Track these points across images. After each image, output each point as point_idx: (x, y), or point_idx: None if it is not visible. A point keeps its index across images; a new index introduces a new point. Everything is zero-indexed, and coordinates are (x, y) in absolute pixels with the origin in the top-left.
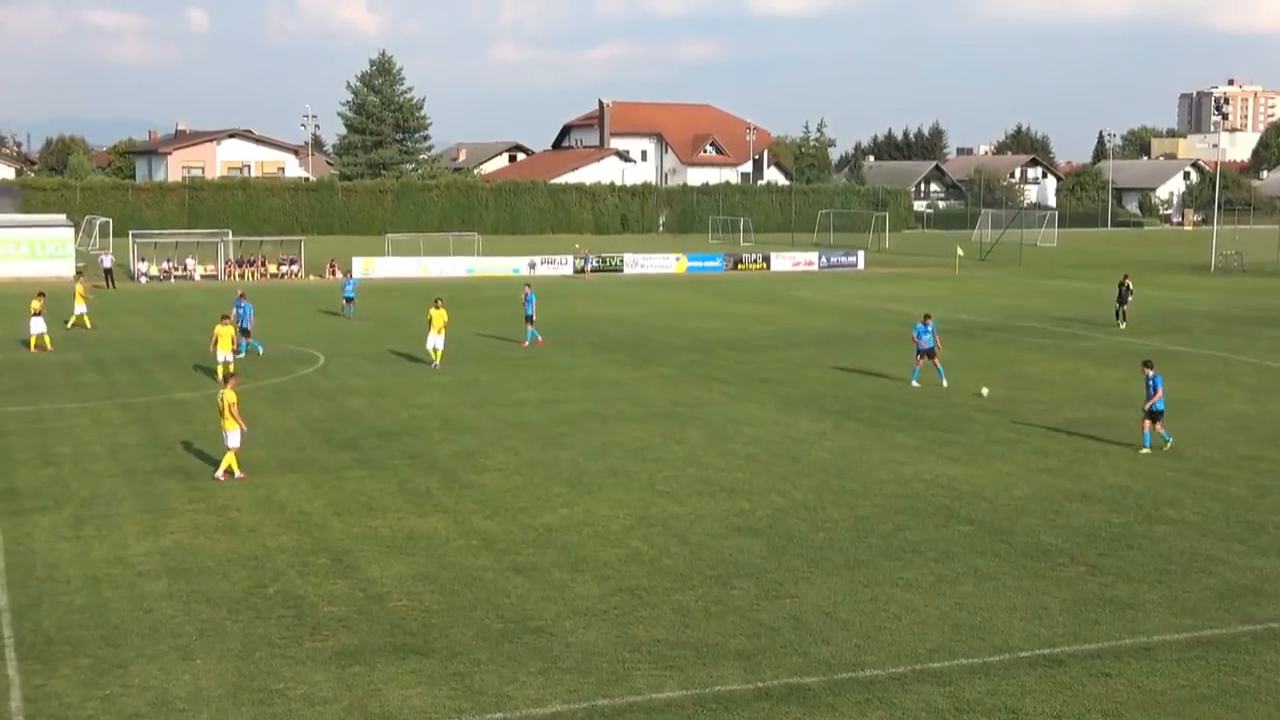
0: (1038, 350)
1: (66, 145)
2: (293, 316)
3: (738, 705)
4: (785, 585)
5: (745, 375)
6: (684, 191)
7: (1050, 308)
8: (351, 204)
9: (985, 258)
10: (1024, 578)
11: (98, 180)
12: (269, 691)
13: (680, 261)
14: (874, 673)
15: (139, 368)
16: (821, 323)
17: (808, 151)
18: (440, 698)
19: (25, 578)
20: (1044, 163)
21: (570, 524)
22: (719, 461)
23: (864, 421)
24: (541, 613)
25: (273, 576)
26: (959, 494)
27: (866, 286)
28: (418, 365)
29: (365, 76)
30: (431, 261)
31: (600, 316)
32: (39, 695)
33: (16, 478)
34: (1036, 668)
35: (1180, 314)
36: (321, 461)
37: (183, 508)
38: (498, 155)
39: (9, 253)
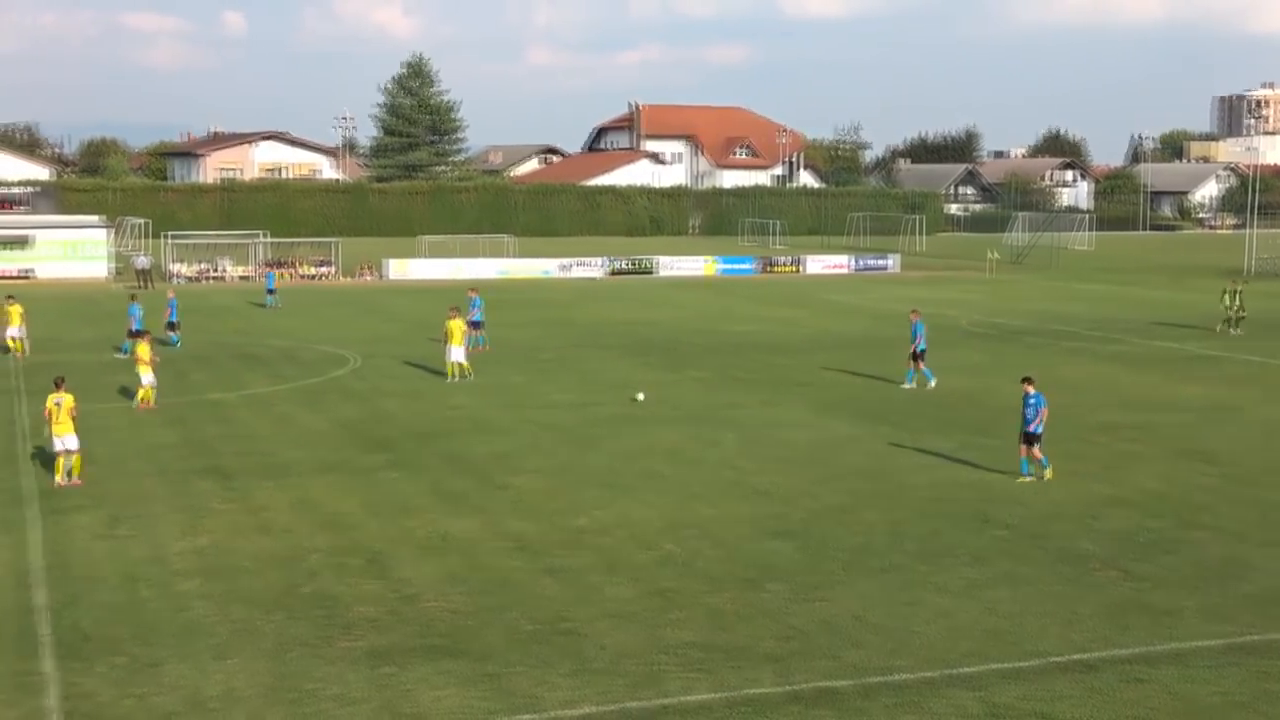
0: (1072, 354)
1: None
2: (326, 318)
3: (769, 708)
4: (818, 588)
5: (778, 378)
6: (716, 194)
7: (1085, 311)
8: (385, 206)
9: (1019, 261)
10: (1058, 583)
11: (133, 182)
12: (302, 691)
13: (712, 264)
14: (906, 677)
15: (175, 368)
16: (854, 326)
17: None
18: (472, 699)
19: (63, 576)
20: (1078, 166)
21: (603, 526)
22: (752, 465)
23: (897, 425)
24: (574, 614)
25: (307, 577)
26: (993, 498)
27: (899, 290)
28: None
29: (400, 79)
30: (465, 263)
31: (632, 319)
32: (75, 692)
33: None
34: (1070, 673)
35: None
36: (355, 462)
37: (218, 508)
38: (531, 157)
39: (46, 254)
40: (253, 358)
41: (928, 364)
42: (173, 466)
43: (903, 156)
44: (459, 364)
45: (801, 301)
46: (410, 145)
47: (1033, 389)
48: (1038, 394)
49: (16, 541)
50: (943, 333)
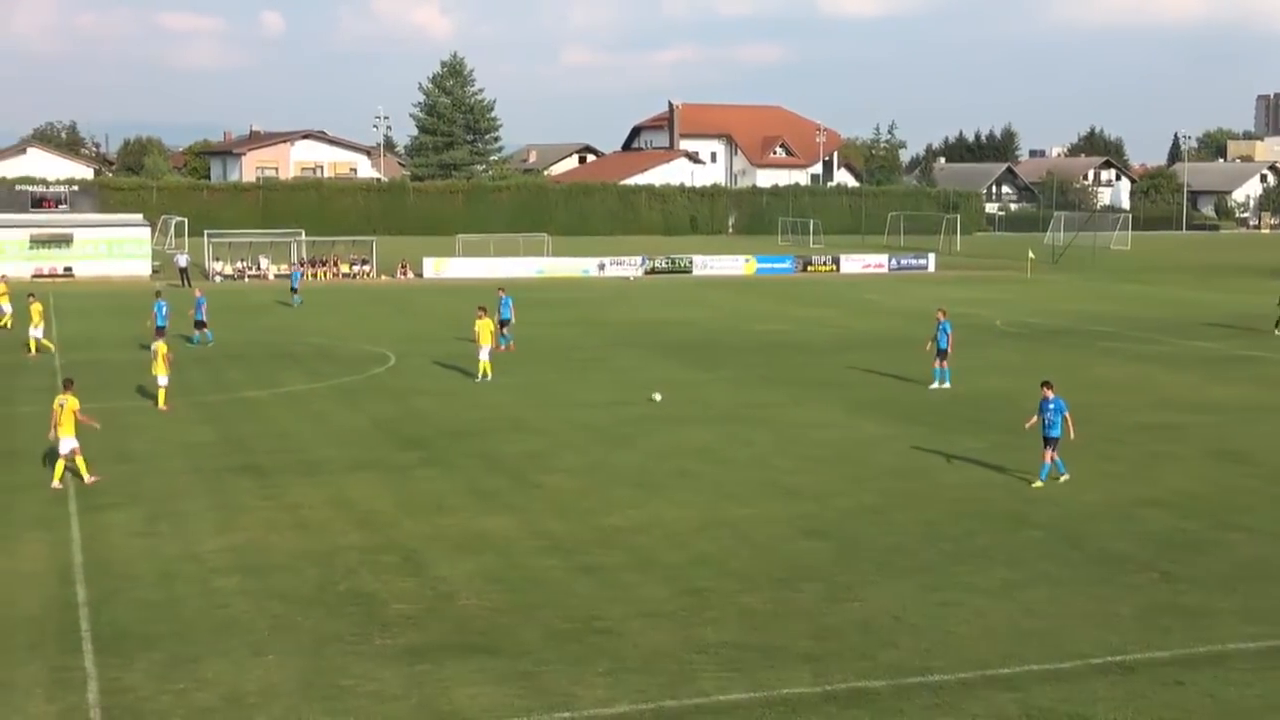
0: (1109, 354)
1: (143, 146)
2: (363, 316)
3: (804, 708)
4: (852, 589)
5: (812, 378)
6: (753, 193)
7: (1122, 311)
8: (422, 205)
9: (1057, 261)
10: (1094, 584)
11: (174, 181)
12: (338, 688)
13: (749, 263)
14: (942, 678)
15: (211, 366)
16: (890, 326)
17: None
18: (507, 696)
19: (101, 573)
20: (1118, 165)
21: (637, 525)
22: (786, 464)
23: (932, 425)
24: (608, 613)
25: (343, 574)
26: (1028, 499)
27: (936, 290)
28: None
29: (437, 78)
30: (501, 262)
31: (667, 319)
32: (114, 688)
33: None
34: (1107, 675)
35: (1257, 318)
36: (391, 460)
37: (254, 505)
38: (567, 157)
39: (88, 252)
40: (289, 356)
41: (949, 365)
42: (209, 464)
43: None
44: (483, 363)
45: (837, 301)
46: (447, 144)
47: (1052, 393)
48: (1057, 398)
49: (57, 538)
50: (978, 333)
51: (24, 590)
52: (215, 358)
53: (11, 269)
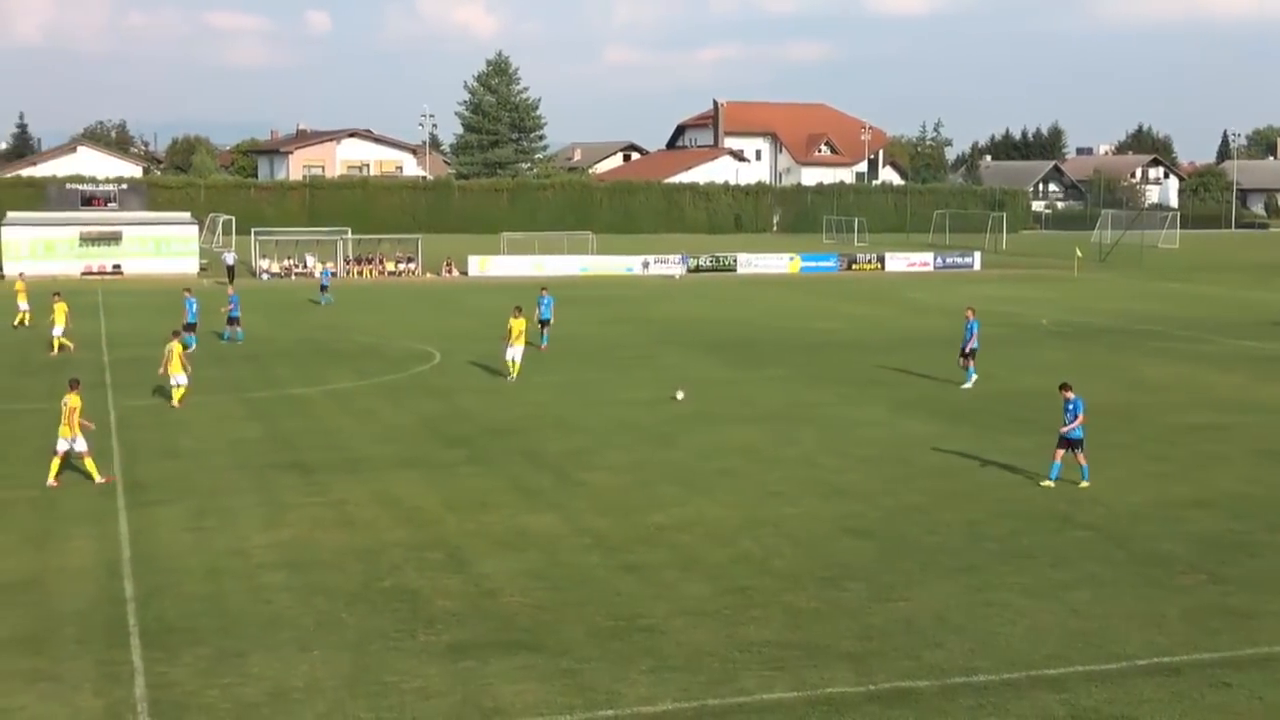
0: (1157, 354)
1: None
2: (409, 314)
3: (848, 707)
4: (897, 588)
5: (858, 377)
6: (798, 191)
7: (1170, 311)
8: (467, 203)
9: (1105, 259)
10: (1141, 585)
11: (221, 179)
12: (383, 684)
13: (794, 261)
14: (987, 678)
15: (259, 363)
16: (936, 324)
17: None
18: (551, 694)
19: (149, 568)
20: (1166, 163)
21: (681, 523)
22: (830, 463)
23: (978, 425)
24: (652, 611)
25: (388, 570)
26: (1074, 499)
27: (982, 288)
28: (530, 362)
29: (482, 77)
30: (546, 260)
31: (712, 317)
32: (161, 682)
33: (141, 470)
34: (1154, 676)
35: None
36: (436, 458)
37: (300, 501)
38: (612, 155)
39: (136, 249)
40: (336, 353)
41: (976, 365)
42: (256, 460)
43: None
44: (514, 362)
45: (882, 300)
46: (493, 143)
47: (1072, 394)
48: (1076, 398)
49: (106, 533)
50: (1024, 332)
51: (73, 585)
52: (263, 355)
53: (61, 266)
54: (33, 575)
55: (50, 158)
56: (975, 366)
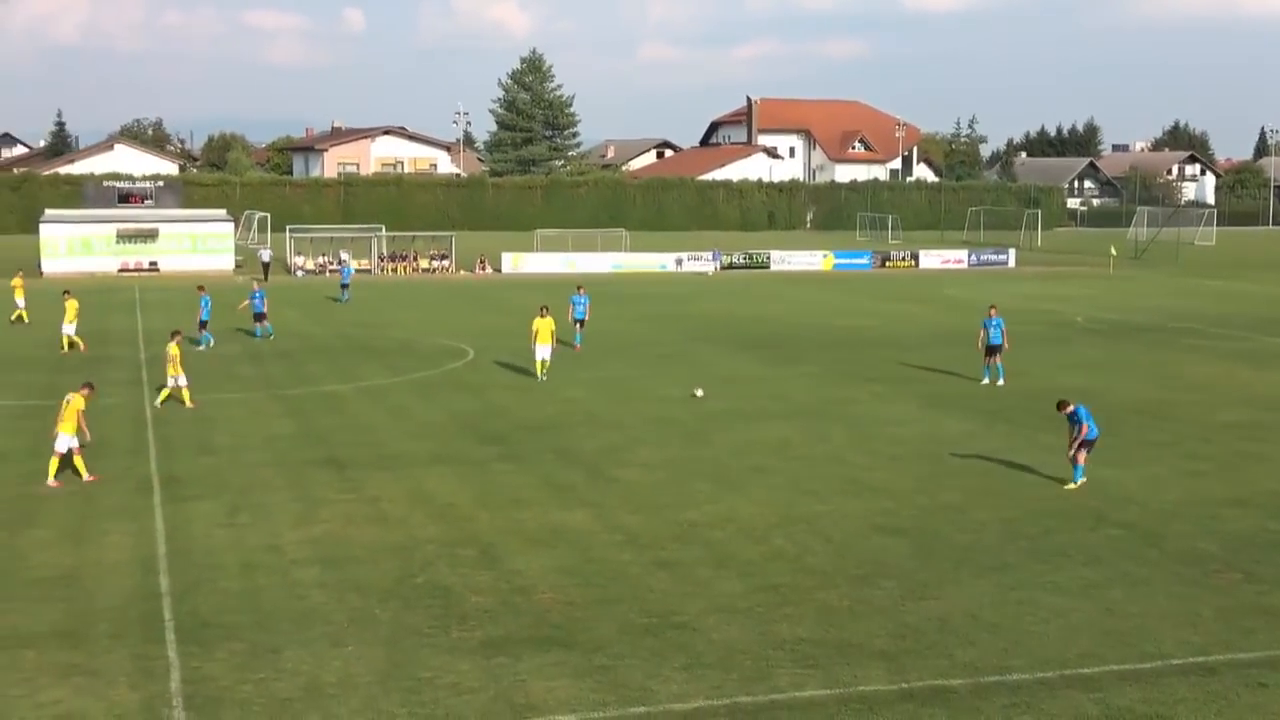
0: (1192, 352)
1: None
2: (443, 311)
3: (881, 706)
4: (930, 586)
5: (891, 374)
6: (832, 188)
7: (1207, 309)
8: (501, 200)
9: (1140, 257)
10: (1176, 584)
11: (256, 176)
12: (417, 680)
13: (827, 259)
14: (1021, 677)
15: (293, 360)
16: (970, 322)
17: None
18: (584, 690)
19: (184, 563)
20: (1202, 160)
21: (714, 520)
22: (863, 460)
23: (1012, 423)
24: (685, 608)
25: (421, 566)
26: (1109, 497)
27: (1017, 285)
28: (564, 359)
29: (516, 74)
30: (579, 257)
31: (745, 314)
32: (196, 677)
33: (177, 466)
34: (1189, 676)
35: None
36: (469, 454)
37: (334, 498)
38: (646, 152)
39: (172, 247)
40: (370, 350)
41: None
42: (290, 457)
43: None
44: (544, 363)
45: (917, 296)
46: (526, 140)
47: (1070, 406)
48: (1076, 407)
49: (141, 529)
50: (1059, 329)
51: (109, 580)
52: (297, 351)
53: (99, 263)
54: (69, 570)
55: (87, 156)
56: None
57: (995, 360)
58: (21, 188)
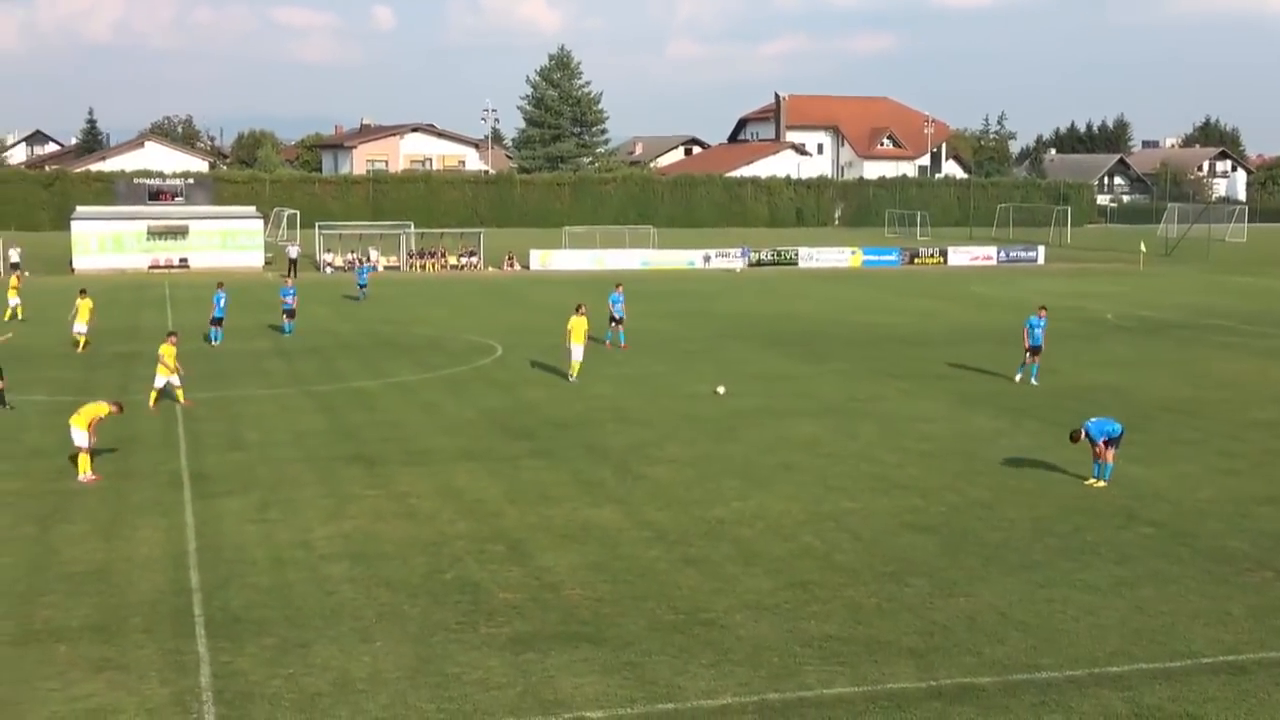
0: (1225, 349)
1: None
2: (472, 308)
3: (910, 703)
4: (959, 584)
5: (920, 371)
6: (860, 185)
7: (1239, 305)
8: (529, 197)
9: (1170, 253)
10: (1207, 582)
11: (286, 173)
12: (445, 675)
13: (855, 255)
14: (1050, 675)
15: (323, 356)
16: (999, 319)
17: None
18: (612, 687)
19: (214, 559)
20: (1234, 156)
21: (742, 517)
22: (892, 458)
23: (1042, 420)
24: (713, 605)
25: (450, 562)
26: (1140, 495)
27: (1046, 282)
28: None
29: (544, 71)
30: (608, 254)
31: (773, 312)
32: (227, 672)
33: (207, 462)
34: (1220, 674)
35: None
36: (498, 451)
37: (363, 494)
38: (673, 149)
39: (202, 243)
40: (400, 346)
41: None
42: (320, 453)
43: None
44: (577, 362)
45: (946, 294)
46: (554, 137)
47: (1081, 432)
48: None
49: (172, 524)
50: (1089, 326)
51: (139, 575)
52: (326, 348)
53: (129, 260)
54: (101, 565)
55: (119, 153)
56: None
57: (1034, 360)
58: (54, 185)
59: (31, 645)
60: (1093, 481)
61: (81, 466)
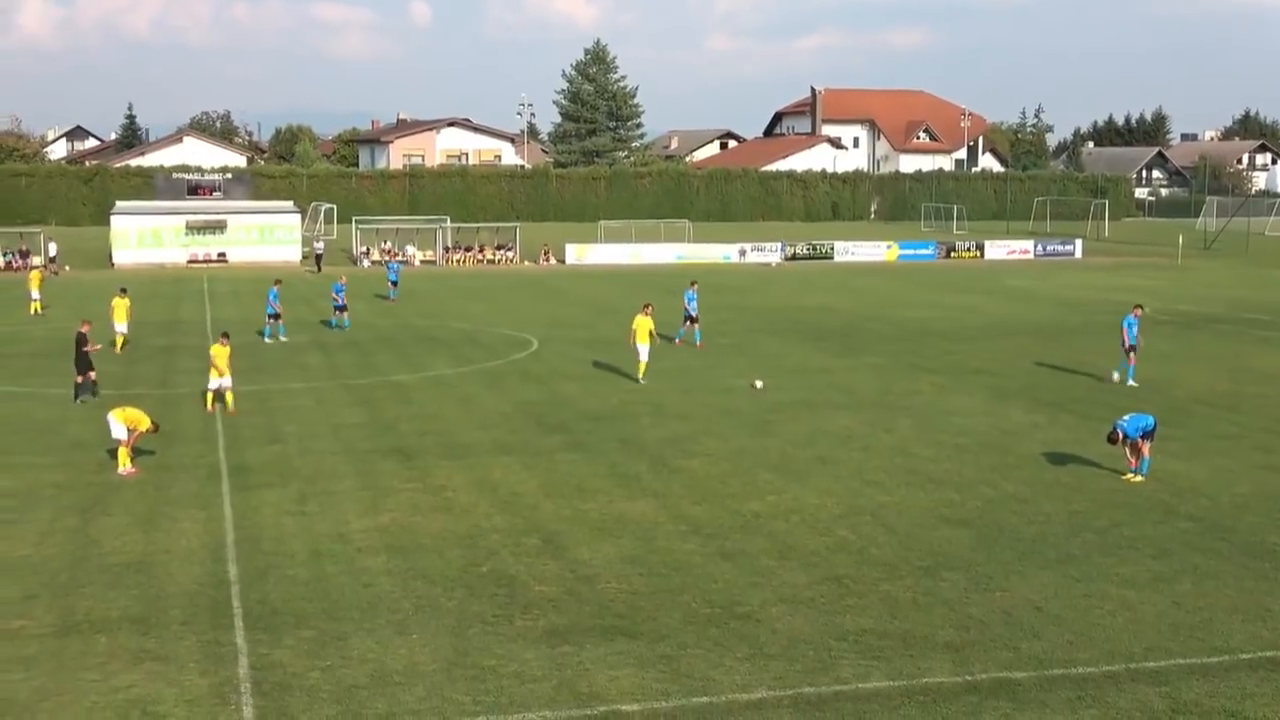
0: (1264, 344)
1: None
2: (508, 302)
3: (945, 698)
4: (995, 578)
5: (956, 365)
6: (896, 179)
7: (1278, 300)
8: (565, 191)
9: (1209, 247)
10: (1246, 578)
11: (323, 168)
12: (481, 668)
13: (891, 250)
14: (1087, 670)
15: (360, 350)
16: (1036, 313)
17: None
18: (647, 680)
19: (253, 551)
20: (1273, 148)
21: (778, 511)
22: (928, 452)
23: (1078, 414)
24: (748, 599)
25: (486, 555)
26: (1178, 490)
27: (1084, 276)
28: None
29: (580, 65)
30: (643, 248)
31: (810, 305)
32: (265, 664)
33: (246, 455)
34: (1258, 670)
35: None
36: (534, 444)
37: (401, 487)
38: (709, 143)
39: (241, 238)
40: (437, 340)
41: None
42: (358, 445)
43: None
44: (643, 363)
45: (982, 288)
46: (590, 131)
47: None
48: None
49: (211, 517)
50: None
51: (179, 567)
52: (364, 341)
53: (168, 255)
54: (141, 557)
55: (158, 148)
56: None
57: (1131, 361)
58: (94, 180)
59: (73, 636)
60: (1130, 476)
61: (121, 460)
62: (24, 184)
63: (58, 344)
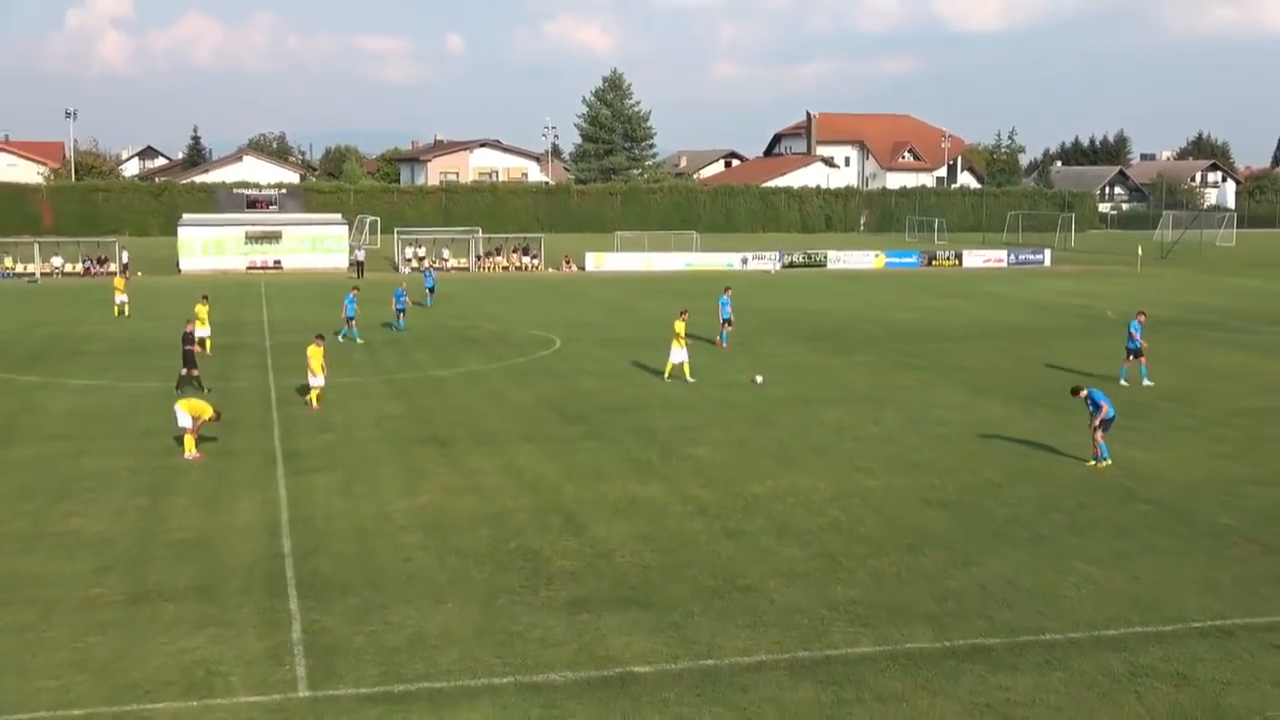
0: (1216, 344)
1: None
2: (533, 305)
3: (926, 662)
4: (972, 555)
5: (939, 363)
6: (883, 194)
7: (1229, 304)
8: (585, 205)
9: (1166, 257)
10: (1199, 555)
11: (368, 184)
12: (509, 634)
13: (879, 258)
14: (1054, 637)
15: (401, 348)
16: (1011, 316)
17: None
18: (658, 645)
19: (305, 528)
20: (1224, 167)
21: (776, 494)
22: (912, 441)
23: (1050, 408)
24: (749, 573)
25: (513, 533)
26: (1139, 476)
27: (1053, 282)
28: (645, 349)
29: (599, 91)
30: (655, 256)
31: (806, 309)
32: (316, 628)
33: (299, 442)
34: (1208, 637)
35: None
36: (556, 434)
37: (437, 471)
38: (714, 161)
39: (294, 247)
40: (469, 339)
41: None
42: (398, 434)
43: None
44: (680, 364)
45: (962, 293)
46: (607, 151)
47: (1084, 391)
48: (1090, 390)
49: (267, 497)
50: (1091, 322)
51: (239, 542)
52: (404, 341)
53: (229, 262)
54: (204, 533)
55: (220, 166)
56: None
57: (1141, 361)
58: (162, 195)
59: (143, 604)
60: (1094, 464)
61: (187, 446)
62: (101, 198)
63: (131, 342)
